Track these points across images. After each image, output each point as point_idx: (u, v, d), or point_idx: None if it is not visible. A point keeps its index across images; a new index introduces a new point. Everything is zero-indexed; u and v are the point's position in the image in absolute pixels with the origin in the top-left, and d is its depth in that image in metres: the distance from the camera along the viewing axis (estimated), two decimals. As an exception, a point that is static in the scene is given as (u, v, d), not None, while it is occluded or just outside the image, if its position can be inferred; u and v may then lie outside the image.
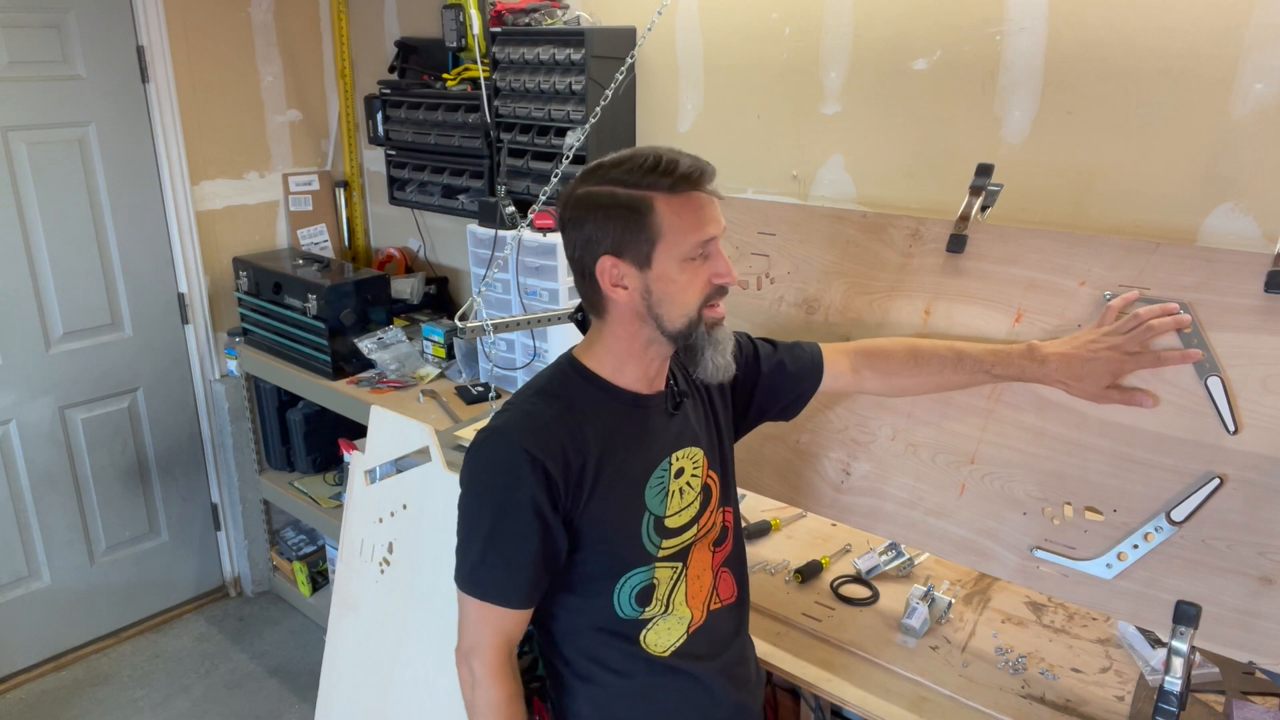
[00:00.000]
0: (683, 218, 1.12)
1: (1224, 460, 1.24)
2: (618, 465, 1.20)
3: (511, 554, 1.16)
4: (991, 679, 1.44)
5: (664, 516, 1.24)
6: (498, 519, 1.15)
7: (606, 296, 1.17)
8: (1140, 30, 1.61)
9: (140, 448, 3.11)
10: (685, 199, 1.13)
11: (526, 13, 2.48)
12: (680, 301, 1.15)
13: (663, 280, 1.14)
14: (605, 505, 1.19)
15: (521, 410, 1.20)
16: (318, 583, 3.32)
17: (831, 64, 2.03)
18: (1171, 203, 1.64)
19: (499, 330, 1.90)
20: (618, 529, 1.21)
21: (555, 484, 1.14)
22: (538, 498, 1.13)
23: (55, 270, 2.80)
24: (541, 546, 1.16)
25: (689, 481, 1.28)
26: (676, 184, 1.12)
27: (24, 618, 2.93)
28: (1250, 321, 1.24)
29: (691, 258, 1.14)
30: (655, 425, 1.25)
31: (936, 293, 1.53)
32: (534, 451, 1.13)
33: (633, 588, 1.23)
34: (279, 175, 3.28)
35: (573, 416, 1.18)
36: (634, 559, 1.22)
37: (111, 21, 2.78)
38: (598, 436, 1.19)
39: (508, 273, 2.52)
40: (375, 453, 1.91)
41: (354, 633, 1.92)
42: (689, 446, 1.28)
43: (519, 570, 1.16)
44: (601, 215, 1.14)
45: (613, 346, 1.22)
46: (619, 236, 1.13)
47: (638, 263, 1.14)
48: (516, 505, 1.14)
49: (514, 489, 1.14)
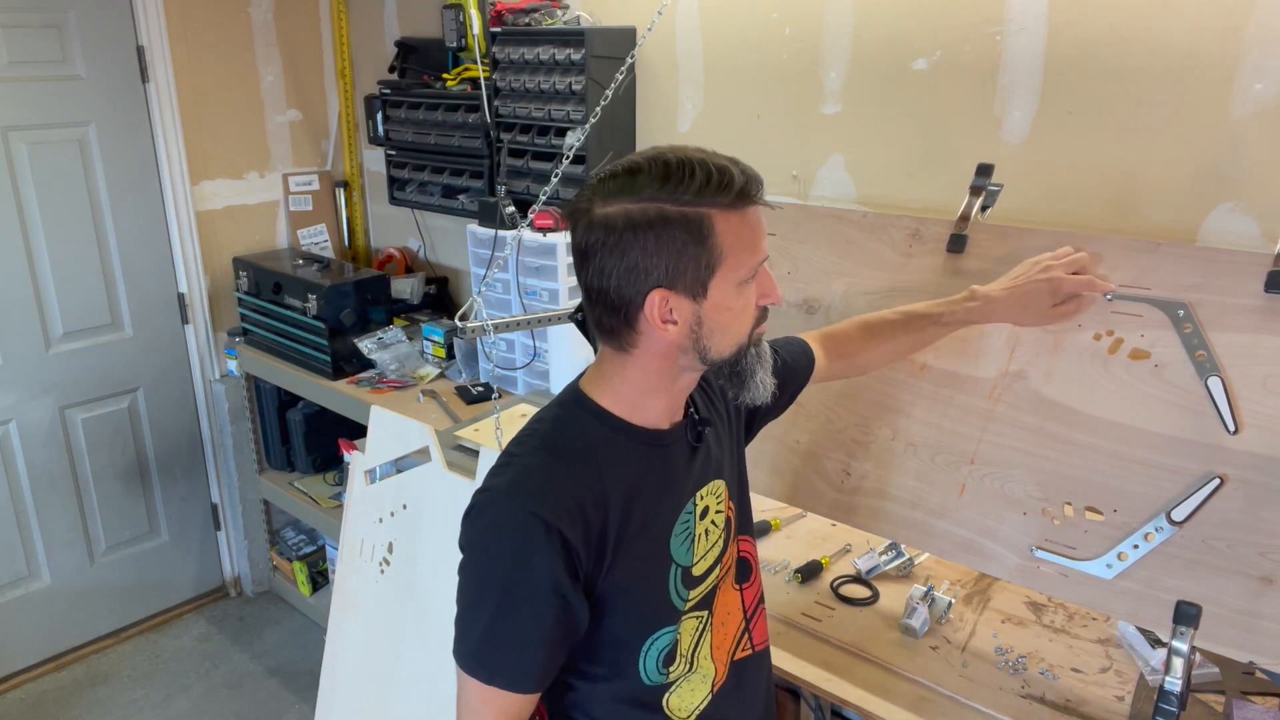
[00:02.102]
0: (742, 237, 0.98)
1: (1224, 460, 1.24)
2: (642, 518, 1.05)
3: (523, 634, 0.99)
4: (991, 679, 1.44)
5: (691, 565, 1.10)
6: (507, 595, 0.99)
7: (643, 333, 1.01)
8: (1140, 30, 1.61)
9: (140, 448, 3.11)
10: (744, 215, 0.98)
11: (526, 13, 2.48)
12: (734, 330, 1.02)
13: (718, 309, 0.99)
14: (631, 566, 1.04)
15: (528, 466, 1.02)
16: (318, 583, 3.32)
17: (831, 64, 2.03)
18: (1171, 203, 1.64)
19: (499, 330, 1.90)
20: (645, 589, 1.07)
21: (575, 553, 0.98)
22: (555, 572, 0.97)
23: (55, 270, 2.80)
24: (558, 625, 1.00)
25: (714, 520, 1.14)
26: (737, 199, 0.97)
27: (24, 618, 2.93)
28: (1250, 321, 1.24)
29: (746, 280, 1.00)
30: (678, 464, 1.10)
31: (937, 293, 1.53)
32: (548, 517, 0.96)
33: (660, 650, 1.09)
34: (279, 175, 3.28)
35: (589, 468, 1.02)
36: (661, 618, 1.09)
37: (111, 21, 2.78)
38: (619, 488, 1.03)
39: (508, 273, 2.52)
40: (375, 453, 1.91)
41: (354, 633, 1.92)
42: (713, 480, 1.15)
43: (531, 651, 1.00)
44: (652, 239, 0.95)
45: (637, 382, 1.05)
46: (674, 264, 0.96)
47: (691, 293, 0.98)
48: (530, 581, 0.98)
49: (526, 562, 0.97)
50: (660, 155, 0.98)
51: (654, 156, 0.98)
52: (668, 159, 0.97)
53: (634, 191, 0.96)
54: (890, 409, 1.56)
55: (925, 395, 1.52)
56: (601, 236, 0.97)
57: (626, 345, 1.03)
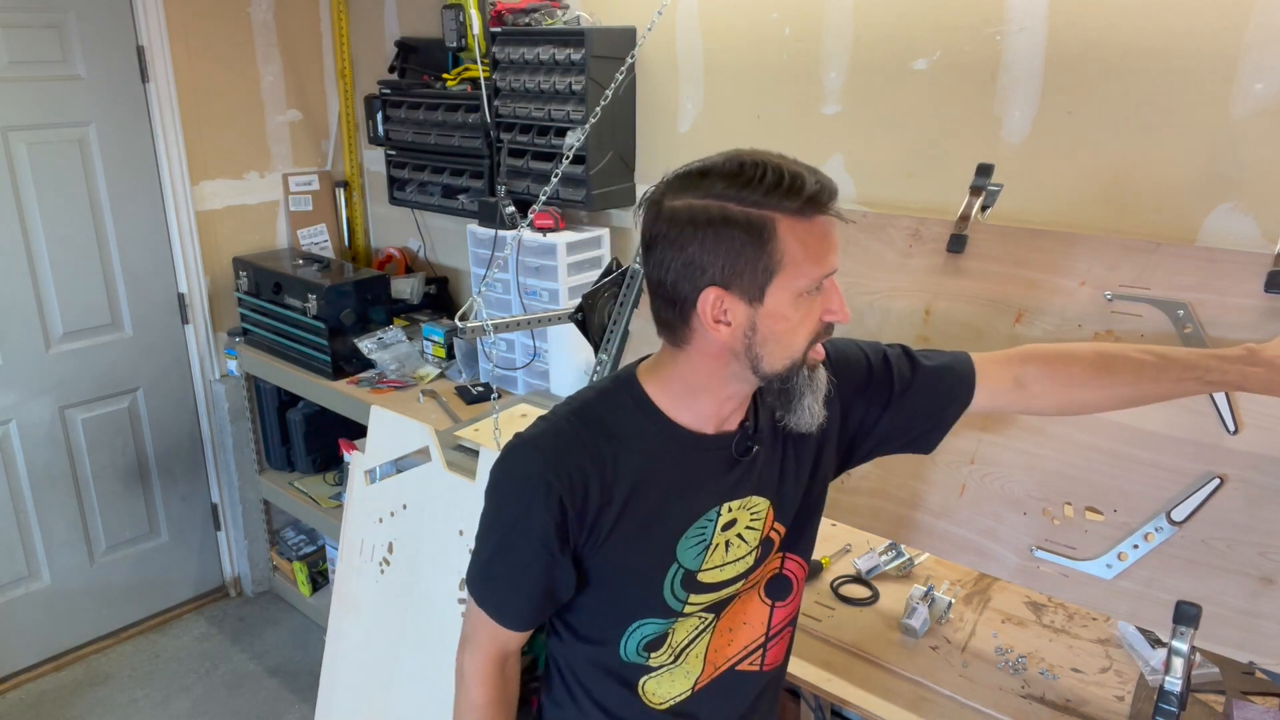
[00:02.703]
0: (807, 246, 0.95)
1: (1224, 460, 1.24)
2: (650, 508, 1.06)
3: (514, 574, 1.08)
4: (991, 679, 1.44)
5: (697, 571, 1.10)
6: (506, 535, 1.07)
7: (696, 330, 1.00)
8: (1140, 30, 1.61)
9: (140, 448, 3.11)
10: (811, 224, 0.96)
11: (526, 13, 2.48)
12: (788, 343, 0.99)
13: (773, 317, 0.98)
14: (625, 550, 1.07)
15: (556, 426, 1.07)
16: (318, 583, 3.32)
17: (831, 64, 2.03)
18: (1171, 203, 1.64)
19: (499, 330, 1.90)
20: (635, 577, 1.09)
21: (569, 517, 1.03)
22: (547, 530, 1.03)
23: (55, 270, 2.80)
24: (544, 577, 1.07)
25: (741, 534, 1.13)
26: (805, 206, 0.94)
27: (24, 618, 2.93)
28: (1250, 321, 1.24)
29: (807, 292, 0.98)
30: (708, 470, 1.09)
31: (937, 293, 1.53)
32: (552, 480, 1.02)
33: (642, 636, 1.12)
34: (279, 175, 3.28)
35: (609, 446, 1.05)
36: (649, 610, 1.11)
37: (111, 21, 2.78)
38: (632, 473, 1.05)
39: (508, 273, 2.52)
40: (375, 453, 1.91)
41: (354, 633, 1.92)
42: (750, 496, 1.12)
43: (519, 592, 1.09)
44: (711, 236, 0.95)
45: (687, 378, 1.06)
46: (731, 264, 0.95)
47: (747, 296, 0.97)
48: (526, 529, 1.05)
49: (526, 512, 1.04)
50: (736, 155, 0.97)
51: (731, 156, 0.97)
52: (742, 159, 0.96)
53: (702, 187, 0.96)
54: (890, 409, 1.55)
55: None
56: (665, 229, 0.98)
57: (681, 341, 1.03)
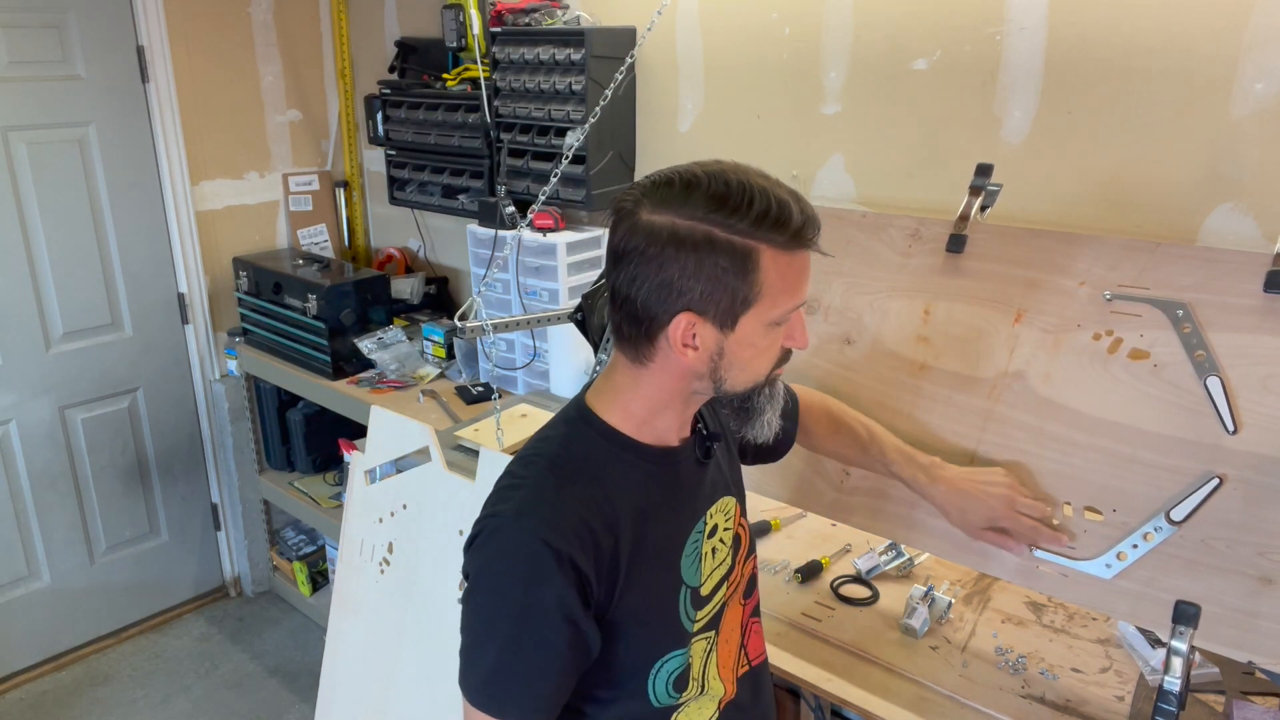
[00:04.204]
0: (787, 279, 0.94)
1: (1224, 460, 1.24)
2: (653, 540, 1.02)
3: (534, 665, 0.96)
4: (991, 679, 1.44)
5: (699, 585, 1.08)
6: (517, 625, 0.95)
7: (660, 350, 0.97)
8: (1140, 30, 1.61)
9: (140, 448, 3.11)
10: (794, 258, 0.94)
11: (526, 13, 2.48)
12: (753, 368, 0.98)
13: (741, 345, 0.96)
14: (643, 590, 1.01)
15: (536, 490, 0.98)
16: (318, 583, 3.32)
17: (831, 64, 2.03)
18: (1171, 203, 1.64)
19: (499, 330, 1.90)
20: (657, 613, 1.04)
21: (588, 580, 0.95)
22: (567, 600, 0.93)
23: (55, 270, 2.80)
24: (570, 654, 0.97)
25: (722, 538, 1.12)
26: (793, 240, 0.92)
27: (24, 618, 2.93)
28: (1250, 321, 1.24)
29: (779, 322, 0.97)
30: (688, 481, 1.08)
31: (936, 293, 1.53)
32: (559, 545, 0.92)
33: (669, 673, 1.06)
34: (279, 175, 3.28)
35: (599, 490, 0.98)
36: (671, 641, 1.05)
37: (111, 21, 2.78)
38: (629, 510, 1.00)
39: (508, 273, 2.52)
40: (375, 453, 1.91)
41: (354, 633, 1.92)
42: (723, 497, 1.12)
43: (542, 681, 0.96)
44: (693, 261, 0.91)
45: (649, 399, 1.02)
46: (710, 291, 0.92)
47: (720, 323, 0.94)
48: (542, 611, 0.94)
49: (536, 592, 0.93)
50: (721, 173, 0.92)
51: (715, 173, 0.92)
52: (729, 179, 0.91)
53: (686, 205, 0.91)
54: (890, 409, 1.55)
55: (925, 395, 1.52)
56: (642, 244, 0.93)
57: (642, 358, 0.99)
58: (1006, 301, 1.46)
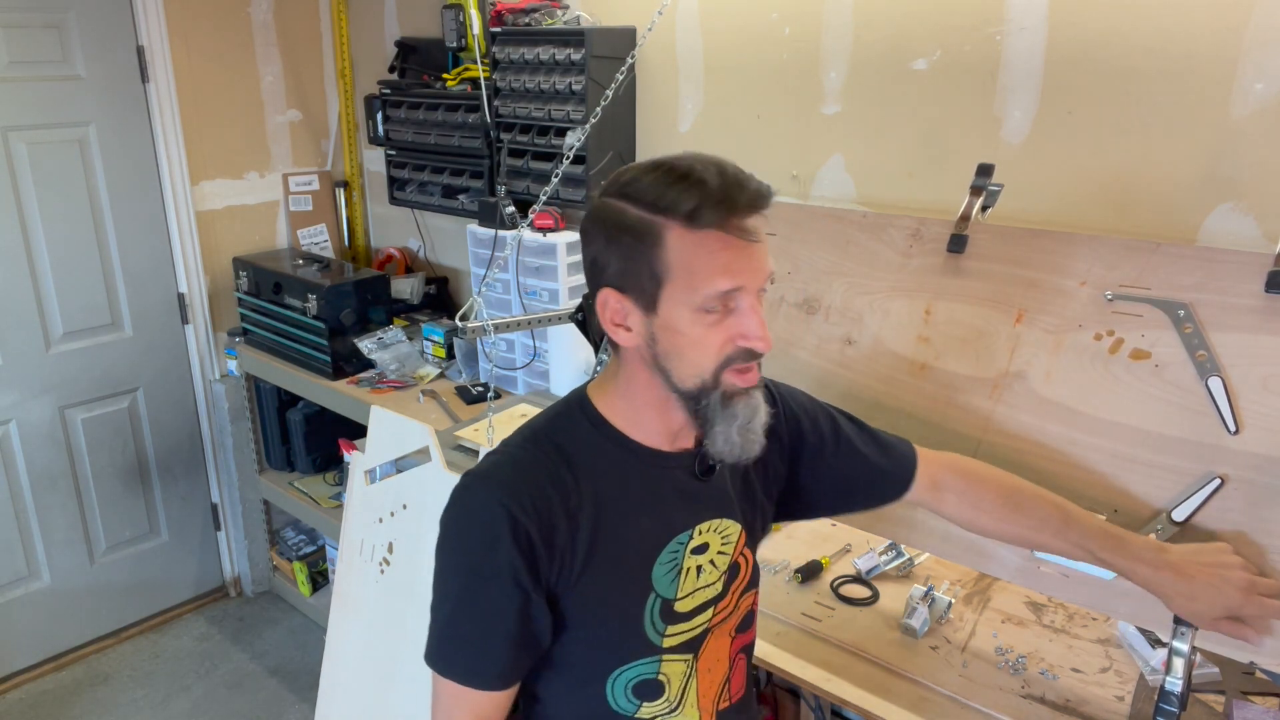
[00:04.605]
0: (697, 259, 0.90)
1: (1225, 460, 1.24)
2: (621, 535, 1.00)
3: (485, 626, 0.97)
4: (991, 679, 1.44)
5: (674, 600, 1.04)
6: (471, 584, 0.97)
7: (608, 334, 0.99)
8: (1140, 30, 1.61)
9: (140, 448, 3.11)
10: (702, 236, 0.89)
11: (526, 13, 2.48)
12: (692, 360, 0.94)
13: (668, 330, 0.93)
14: (601, 583, 1.00)
15: (510, 456, 1.01)
16: (318, 583, 3.32)
17: (831, 64, 2.03)
18: (1171, 203, 1.64)
19: (499, 330, 1.90)
20: (615, 612, 1.02)
21: (538, 551, 0.95)
22: (517, 565, 0.94)
23: (55, 270, 2.80)
24: (520, 620, 0.97)
25: (713, 559, 1.08)
26: (695, 214, 0.89)
27: (24, 618, 2.93)
28: (1250, 321, 1.24)
29: (707, 309, 0.92)
30: (676, 489, 1.05)
31: (937, 293, 1.53)
32: (514, 509, 0.94)
33: (629, 680, 1.04)
34: (279, 175, 3.28)
35: (570, 471, 0.99)
36: (634, 648, 1.03)
37: (111, 21, 2.78)
38: (598, 498, 0.99)
39: (508, 273, 2.52)
40: (375, 453, 1.91)
41: (354, 633, 1.92)
42: (720, 518, 1.08)
43: (493, 645, 0.97)
44: (605, 236, 0.95)
45: (627, 391, 1.02)
46: (624, 269, 0.93)
47: (642, 304, 0.94)
48: (493, 570, 0.95)
49: (490, 550, 0.95)
50: (667, 157, 0.94)
51: (662, 158, 0.94)
52: (659, 161, 0.93)
53: (615, 186, 0.95)
54: (890, 409, 1.55)
55: (925, 395, 1.52)
56: (584, 224, 0.99)
57: (614, 345, 1.01)
58: (1007, 301, 1.46)
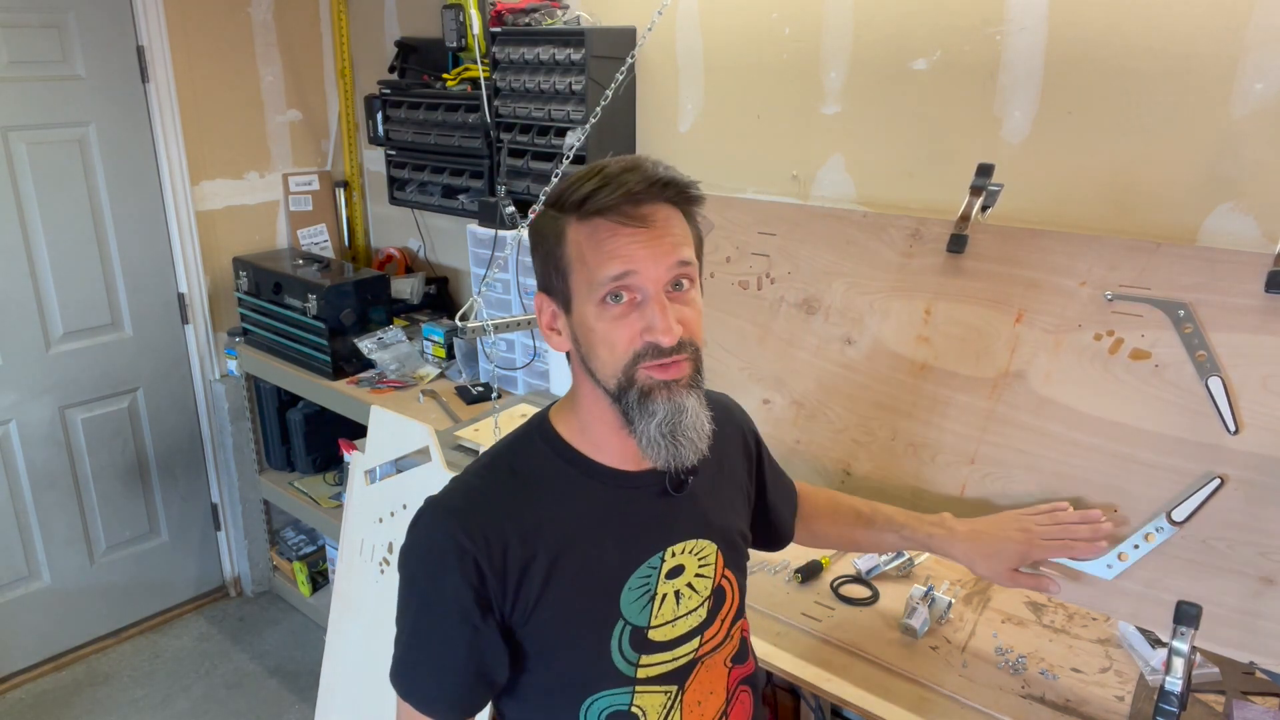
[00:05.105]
0: (586, 250, 0.92)
1: (1225, 460, 1.24)
2: (583, 561, 0.97)
3: (437, 657, 0.97)
4: (991, 679, 1.44)
5: (646, 627, 1.00)
6: (422, 612, 0.97)
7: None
8: (1140, 30, 1.61)
9: (140, 448, 3.11)
10: (590, 226, 0.92)
11: (526, 13, 2.48)
12: (605, 357, 0.93)
13: (582, 327, 0.95)
14: (561, 613, 0.97)
15: (465, 484, 1.00)
16: (318, 583, 3.32)
17: (831, 64, 2.03)
18: (1171, 203, 1.64)
19: (499, 330, 1.90)
20: (579, 642, 0.99)
21: (488, 582, 0.94)
22: (463, 597, 0.93)
23: (55, 270, 2.80)
24: (470, 656, 0.96)
25: (691, 583, 1.04)
26: (585, 203, 0.91)
27: (24, 618, 2.93)
28: (1250, 321, 1.24)
29: (605, 301, 0.92)
30: (644, 510, 1.02)
31: (937, 293, 1.53)
32: (463, 539, 0.93)
33: (602, 710, 1.01)
34: (279, 175, 3.28)
35: (526, 496, 0.98)
36: (601, 679, 1.00)
37: (111, 21, 2.78)
38: (556, 523, 0.97)
39: (508, 273, 2.52)
40: (375, 453, 1.91)
41: (354, 632, 1.92)
42: (694, 539, 1.04)
43: (444, 676, 0.97)
44: (533, 243, 0.98)
45: (581, 409, 1.01)
46: (544, 270, 0.97)
47: (561, 303, 0.96)
48: (441, 603, 0.95)
49: (439, 583, 0.95)
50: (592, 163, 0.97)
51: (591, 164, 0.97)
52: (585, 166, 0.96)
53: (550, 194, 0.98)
54: (890, 409, 1.55)
55: (926, 395, 1.52)
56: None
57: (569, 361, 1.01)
58: (1007, 301, 1.46)
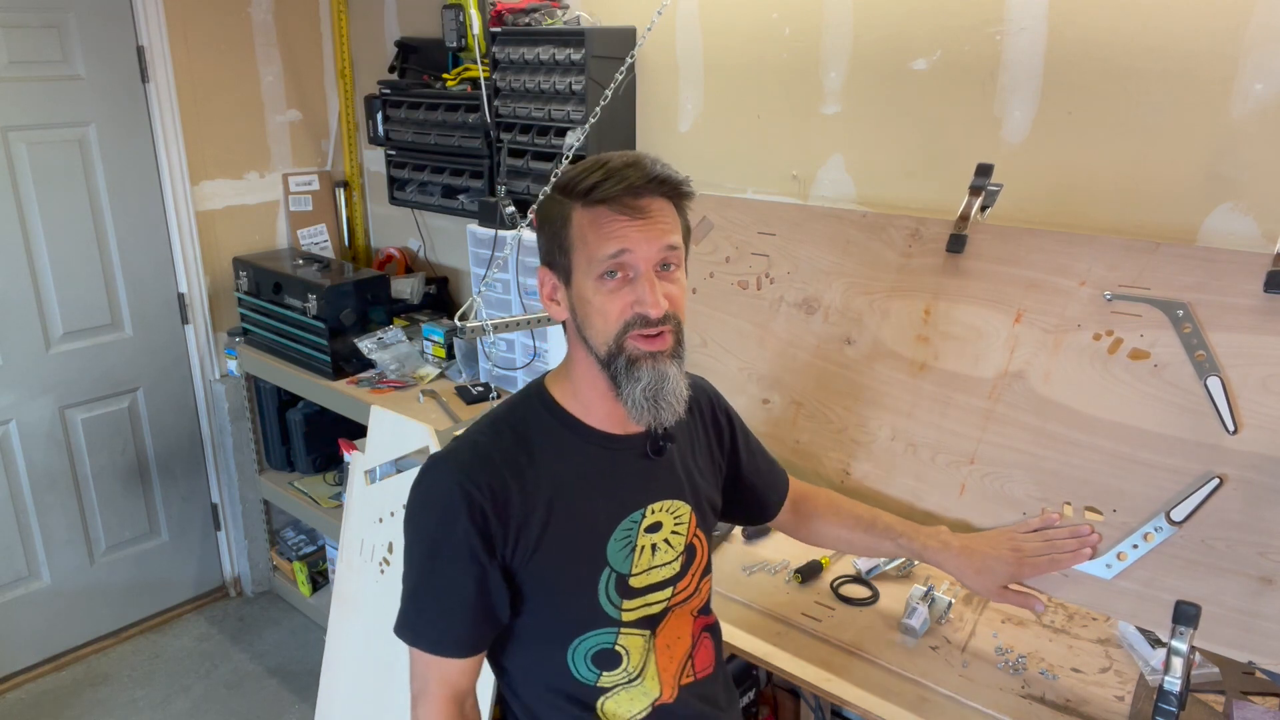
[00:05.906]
0: (589, 232, 1.05)
1: (1224, 460, 1.24)
2: (575, 512, 1.10)
3: (445, 598, 1.07)
4: (991, 679, 1.44)
5: (628, 575, 1.14)
6: (431, 558, 1.07)
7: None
8: (1140, 30, 1.61)
9: (140, 448, 3.11)
10: (594, 212, 1.05)
11: (526, 13, 2.48)
12: (599, 326, 1.06)
13: (580, 300, 1.08)
14: (556, 557, 1.09)
15: (470, 440, 1.11)
16: (318, 583, 3.32)
17: (831, 64, 2.03)
18: (1171, 203, 1.64)
19: (499, 330, 1.90)
20: (570, 585, 1.11)
21: (492, 527, 1.05)
22: (472, 539, 1.04)
23: (55, 270, 2.80)
24: (478, 592, 1.07)
25: (667, 539, 1.17)
26: (591, 191, 1.04)
27: (24, 618, 2.93)
28: (1250, 321, 1.25)
29: (602, 276, 1.05)
30: (628, 470, 1.15)
31: (937, 293, 1.54)
32: (469, 487, 1.05)
33: (589, 649, 1.13)
34: (279, 175, 3.28)
35: (523, 452, 1.10)
36: (590, 619, 1.12)
37: (111, 21, 2.78)
38: (552, 478, 1.10)
39: (508, 273, 2.52)
40: (375, 453, 1.91)
41: (354, 632, 1.92)
42: (671, 499, 1.18)
43: (455, 616, 1.07)
44: (539, 222, 1.12)
45: (575, 376, 1.13)
46: (549, 248, 1.11)
47: (563, 277, 1.09)
48: (451, 545, 1.05)
49: (448, 526, 1.05)
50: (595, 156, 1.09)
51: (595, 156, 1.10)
52: (588, 159, 1.09)
53: (556, 180, 1.11)
54: (890, 409, 1.56)
55: (925, 395, 1.52)
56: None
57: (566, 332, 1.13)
58: (1007, 301, 1.46)
